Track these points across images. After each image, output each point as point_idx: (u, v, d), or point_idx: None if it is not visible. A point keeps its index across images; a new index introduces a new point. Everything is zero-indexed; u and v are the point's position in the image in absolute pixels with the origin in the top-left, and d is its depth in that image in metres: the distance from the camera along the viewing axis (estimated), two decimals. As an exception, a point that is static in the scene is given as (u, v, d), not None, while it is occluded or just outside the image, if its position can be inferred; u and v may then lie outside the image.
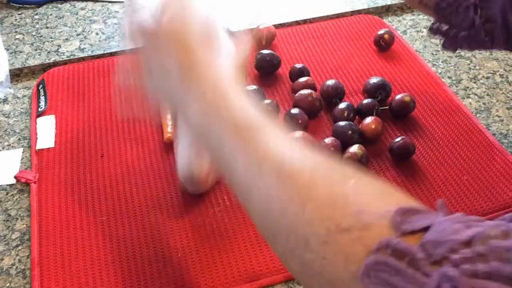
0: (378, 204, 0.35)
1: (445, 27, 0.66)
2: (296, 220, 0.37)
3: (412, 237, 0.32)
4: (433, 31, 0.67)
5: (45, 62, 0.96)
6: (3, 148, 0.81)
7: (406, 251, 0.31)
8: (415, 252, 0.31)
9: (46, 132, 0.82)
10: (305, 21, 1.06)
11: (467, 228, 0.31)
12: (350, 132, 0.77)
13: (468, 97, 0.89)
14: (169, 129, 0.79)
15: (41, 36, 1.02)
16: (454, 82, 0.92)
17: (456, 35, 0.65)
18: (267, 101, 0.82)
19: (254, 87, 0.85)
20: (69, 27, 1.05)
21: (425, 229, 0.32)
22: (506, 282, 0.28)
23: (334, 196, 0.37)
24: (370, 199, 0.37)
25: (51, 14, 1.08)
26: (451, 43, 0.67)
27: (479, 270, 0.29)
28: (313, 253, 0.35)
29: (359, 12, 1.08)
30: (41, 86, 0.90)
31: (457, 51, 0.69)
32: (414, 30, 1.05)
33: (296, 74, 0.89)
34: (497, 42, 0.63)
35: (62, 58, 0.97)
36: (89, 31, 1.04)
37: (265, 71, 0.92)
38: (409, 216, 0.34)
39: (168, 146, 0.77)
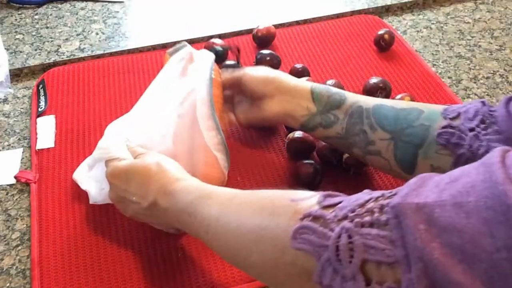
0: (308, 193, 0.49)
1: None
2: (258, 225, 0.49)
3: (330, 208, 0.45)
4: None
5: (45, 62, 0.96)
6: (3, 148, 0.81)
7: (321, 216, 0.44)
8: (326, 215, 0.44)
9: (46, 132, 0.82)
10: (305, 21, 1.06)
11: (367, 195, 0.43)
12: (350, 132, 0.77)
13: (468, 97, 0.89)
14: None
15: (41, 36, 1.02)
16: (454, 82, 0.92)
17: None
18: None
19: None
20: (69, 27, 1.05)
21: (340, 202, 0.45)
22: (382, 228, 0.39)
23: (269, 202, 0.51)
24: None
25: (51, 14, 1.08)
26: None
27: (366, 221, 0.40)
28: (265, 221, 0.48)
29: (359, 12, 1.08)
30: (41, 86, 0.90)
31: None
32: (414, 30, 1.05)
33: (296, 74, 0.89)
34: None
35: (62, 58, 0.97)
36: (89, 31, 1.04)
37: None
38: (329, 196, 0.46)
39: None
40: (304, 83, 0.71)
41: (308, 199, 0.47)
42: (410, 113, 0.63)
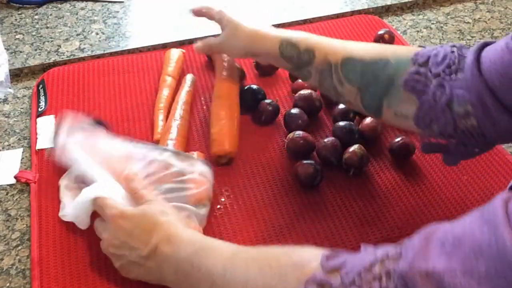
0: (309, 253, 0.49)
1: (436, 143, 0.61)
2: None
3: (335, 271, 0.45)
4: (426, 149, 0.63)
5: (45, 62, 0.96)
6: (3, 148, 0.81)
7: (326, 282, 0.44)
8: (332, 282, 0.44)
9: (46, 132, 0.82)
10: (305, 21, 1.06)
11: (371, 255, 0.44)
12: (350, 132, 0.77)
13: (468, 97, 0.89)
14: (159, 129, 0.79)
15: (41, 36, 1.02)
16: (454, 82, 0.92)
17: (448, 147, 0.60)
18: (267, 101, 0.83)
19: (255, 86, 0.85)
20: (69, 27, 1.05)
21: (343, 264, 0.45)
22: None
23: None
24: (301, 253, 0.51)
25: (51, 14, 1.08)
26: (450, 157, 0.62)
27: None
28: None
29: (359, 12, 1.08)
30: (41, 86, 0.90)
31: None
32: (414, 30, 1.05)
33: (296, 74, 0.89)
34: (490, 136, 0.56)
35: (62, 58, 0.97)
36: (89, 31, 1.04)
37: (265, 71, 0.92)
38: (331, 258, 0.46)
39: (168, 146, 0.77)
40: (271, 47, 0.73)
41: (311, 262, 0.47)
42: (376, 64, 0.63)
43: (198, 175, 0.68)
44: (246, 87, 0.85)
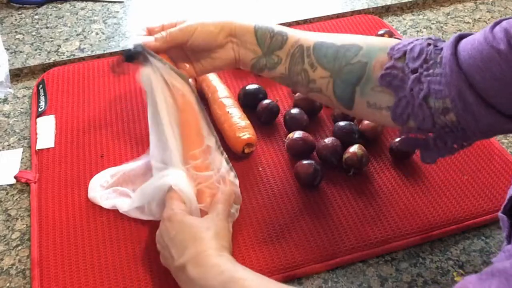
0: None
1: (415, 138, 0.61)
2: None
3: None
4: (404, 145, 0.62)
5: (45, 62, 0.96)
6: (3, 148, 0.81)
7: None
8: None
9: (46, 132, 0.82)
10: (305, 21, 1.06)
11: None
12: (350, 132, 0.77)
13: (468, 97, 0.89)
14: None
15: (41, 36, 1.02)
16: (454, 82, 0.92)
17: (427, 142, 0.59)
18: (267, 101, 0.83)
19: (255, 86, 0.85)
20: (69, 27, 1.05)
21: None
22: None
23: None
24: None
25: (51, 14, 1.08)
26: (428, 154, 0.61)
27: None
28: None
29: (359, 12, 1.08)
30: (41, 86, 0.90)
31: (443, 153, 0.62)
32: (414, 30, 1.05)
33: (296, 74, 0.89)
34: (470, 131, 0.56)
35: (62, 58, 0.97)
36: (89, 31, 1.04)
37: (265, 71, 0.92)
38: None
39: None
40: (248, 25, 0.68)
41: None
42: (348, 50, 0.62)
43: (233, 177, 0.70)
44: (246, 87, 0.85)
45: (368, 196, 0.72)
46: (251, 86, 0.85)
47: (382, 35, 0.96)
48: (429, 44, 0.58)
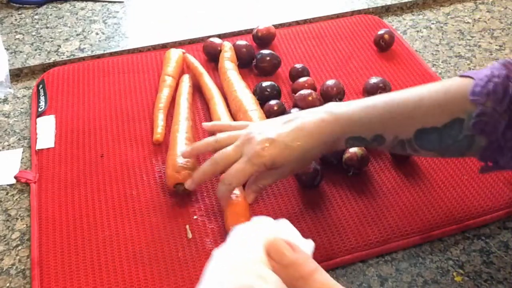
0: None
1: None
2: None
3: None
4: (484, 171, 0.63)
5: (45, 62, 0.96)
6: (3, 148, 0.81)
7: None
8: None
9: (46, 132, 0.82)
10: (305, 21, 1.06)
11: None
12: (350, 132, 0.77)
13: (468, 97, 0.89)
14: (159, 129, 0.80)
15: (41, 36, 1.02)
16: (454, 82, 0.92)
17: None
18: (273, 102, 0.82)
19: (271, 82, 0.85)
20: (69, 27, 1.05)
21: None
22: None
23: None
24: None
25: (51, 14, 1.08)
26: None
27: None
28: None
29: (359, 12, 1.08)
30: (41, 86, 0.90)
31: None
32: (414, 30, 1.05)
33: (296, 74, 0.89)
34: None
35: (62, 58, 0.97)
36: (89, 31, 1.04)
37: (265, 71, 0.92)
38: None
39: (166, 147, 0.77)
40: (339, 143, 0.63)
41: None
42: (452, 129, 0.59)
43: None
44: (262, 83, 0.85)
45: (368, 196, 0.72)
46: (266, 83, 0.85)
47: (382, 35, 0.96)
48: (508, 78, 0.57)
